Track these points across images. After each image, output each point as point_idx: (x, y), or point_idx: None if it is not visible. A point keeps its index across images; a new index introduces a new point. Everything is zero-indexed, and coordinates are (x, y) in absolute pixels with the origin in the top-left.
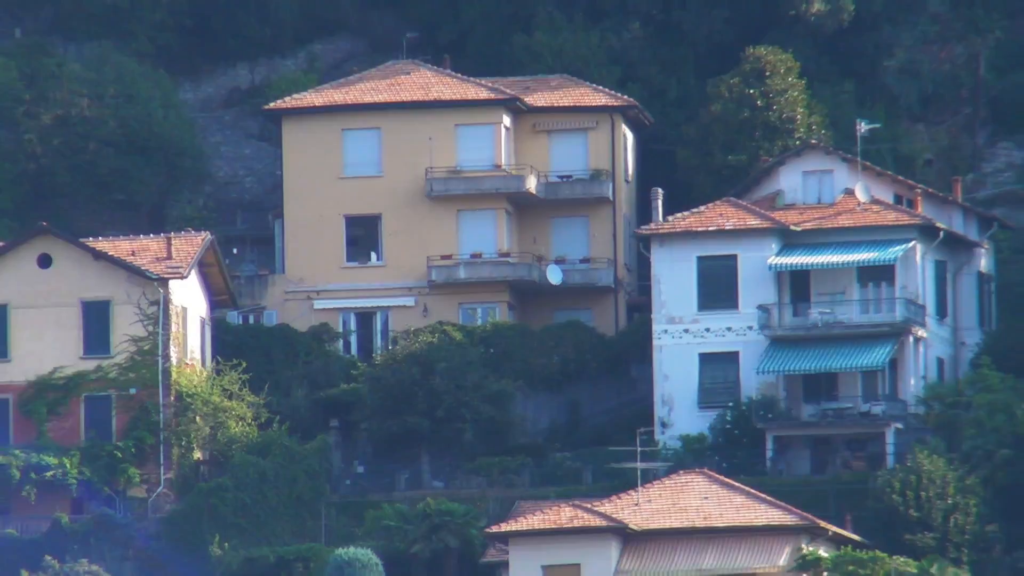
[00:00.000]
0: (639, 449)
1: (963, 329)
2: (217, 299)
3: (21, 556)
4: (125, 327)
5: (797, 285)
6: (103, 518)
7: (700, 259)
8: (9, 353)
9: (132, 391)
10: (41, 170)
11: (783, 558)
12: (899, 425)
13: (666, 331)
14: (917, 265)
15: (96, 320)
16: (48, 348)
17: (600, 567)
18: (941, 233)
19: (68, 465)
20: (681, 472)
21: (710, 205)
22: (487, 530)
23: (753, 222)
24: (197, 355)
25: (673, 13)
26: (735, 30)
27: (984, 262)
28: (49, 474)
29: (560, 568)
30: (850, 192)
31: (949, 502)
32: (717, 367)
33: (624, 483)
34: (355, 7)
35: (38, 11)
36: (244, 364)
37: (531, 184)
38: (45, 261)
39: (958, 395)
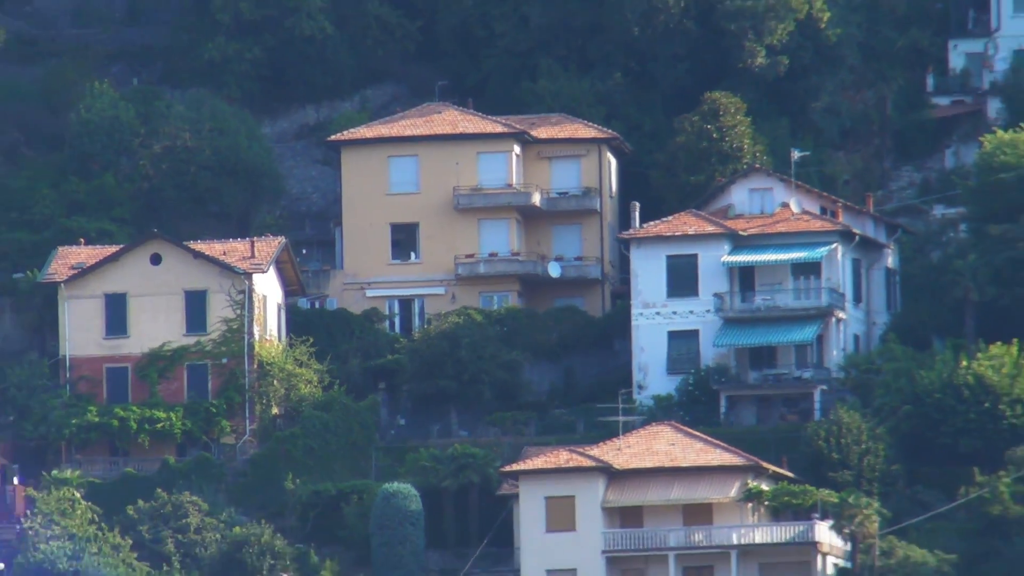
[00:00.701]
0: (620, 406)
1: (874, 312)
2: (290, 289)
3: (138, 489)
4: (218, 311)
5: (744, 278)
6: (201, 460)
7: (668, 257)
8: (128, 331)
9: (224, 361)
10: (152, 188)
11: (733, 491)
12: (824, 387)
13: (642, 313)
14: (838, 262)
15: (196, 305)
16: (158, 327)
17: (590, 498)
18: (856, 237)
19: (174, 418)
20: (653, 424)
21: (676, 215)
22: (502, 469)
23: (710, 228)
24: (274, 332)
25: (647, 65)
26: (695, 79)
27: (890, 260)
28: (159, 425)
29: (558, 499)
30: (786, 205)
31: (863, 447)
32: (682, 342)
33: (609, 433)
34: (398, 60)
35: (152, 65)
36: (311, 340)
37: (536, 199)
38: (156, 259)
39: (870, 363)
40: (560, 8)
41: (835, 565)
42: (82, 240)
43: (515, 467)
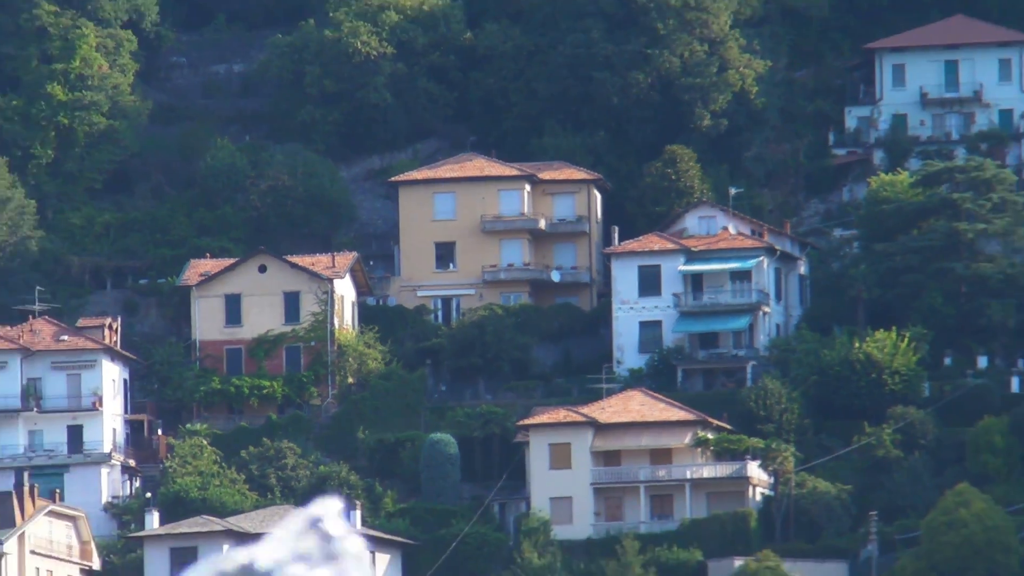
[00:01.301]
0: (604, 377)
1: (790, 307)
2: (360, 290)
3: (249, 438)
4: (308, 307)
5: (695, 282)
6: (295, 416)
7: (640, 267)
8: (242, 322)
9: (312, 343)
10: (260, 216)
11: (687, 439)
12: (754, 362)
13: (620, 308)
14: (764, 270)
15: (291, 303)
16: (264, 319)
17: (581, 445)
18: (777, 252)
19: (275, 386)
20: (628, 390)
21: (645, 236)
22: (517, 423)
23: (670, 246)
24: (349, 323)
25: (623, 125)
26: (659, 135)
27: (802, 268)
28: (264, 391)
29: (558, 445)
30: (725, 228)
31: (782, 406)
32: (649, 329)
33: (596, 396)
34: (441, 121)
35: (259, 126)
36: (376, 328)
37: (542, 224)
38: (262, 269)
39: (788, 345)
40: (560, 83)
41: (762, 494)
42: (208, 255)
43: (527, 422)
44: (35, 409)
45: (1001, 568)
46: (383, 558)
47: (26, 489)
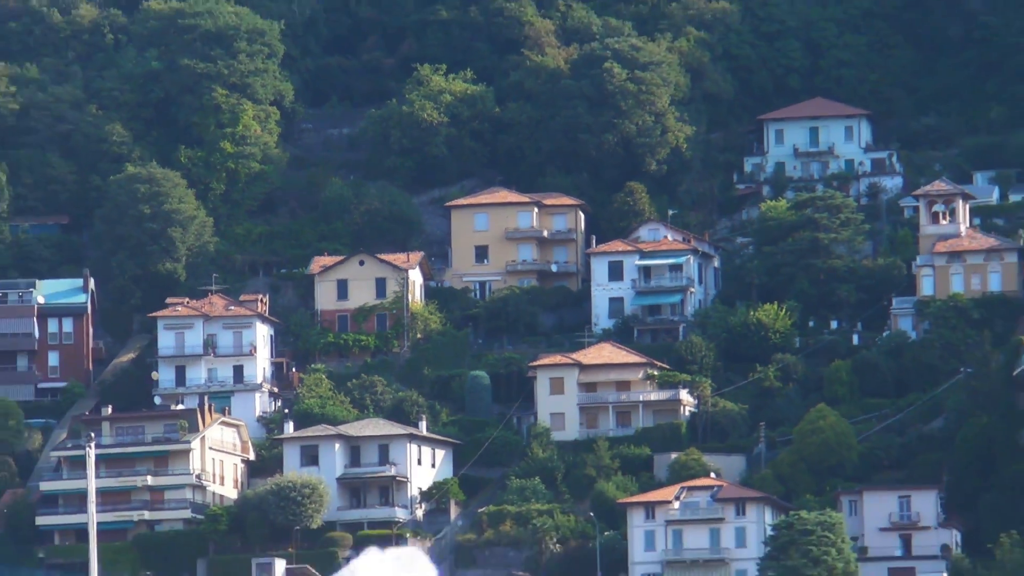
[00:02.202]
0: (585, 334)
1: (708, 289)
2: (425, 277)
3: (352, 374)
4: (392, 288)
5: (645, 272)
6: (383, 360)
7: (609, 262)
8: (348, 298)
9: (394, 311)
10: (360, 228)
11: (641, 374)
12: (684, 325)
13: (596, 289)
14: (691, 265)
15: (380, 285)
16: (362, 296)
17: (571, 379)
18: (700, 252)
19: (370, 340)
20: (601, 343)
21: (612, 242)
22: (529, 364)
23: (629, 248)
24: (418, 298)
25: (598, 170)
26: (622, 176)
27: (716, 263)
28: (362, 342)
29: (556, 378)
30: (666, 237)
31: (702, 353)
32: (615, 303)
33: (580, 347)
34: (479, 166)
35: (360, 169)
36: (436, 301)
37: (545, 233)
38: (361, 263)
39: (706, 314)
40: (557, 142)
41: (689, 411)
42: (325, 253)
43: (535, 364)
44: (212, 354)
45: (845, 459)
46: (440, 453)
47: (206, 407)
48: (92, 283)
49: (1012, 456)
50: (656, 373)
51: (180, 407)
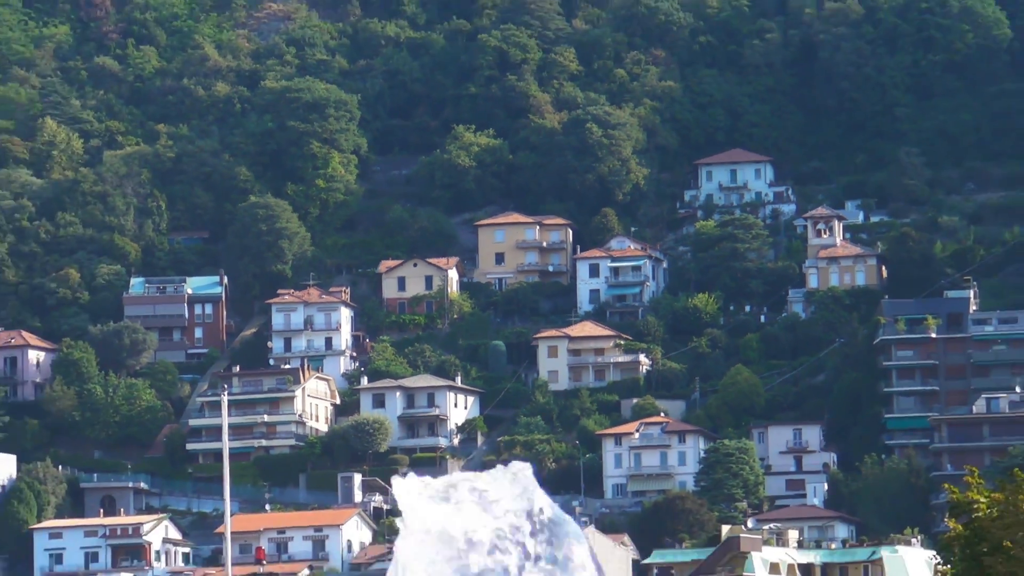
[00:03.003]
0: (572, 316)
1: (659, 284)
2: (460, 275)
3: (408, 344)
4: (436, 282)
5: (615, 271)
6: (431, 333)
7: (589, 264)
8: (405, 289)
9: (437, 299)
10: (413, 240)
11: (611, 344)
12: (642, 309)
13: (580, 283)
14: (648, 266)
15: (428, 280)
16: (415, 288)
17: (563, 346)
18: (653, 257)
19: (420, 319)
20: (584, 322)
21: (591, 250)
22: (533, 336)
23: (603, 254)
24: (455, 289)
25: (582, 200)
26: (598, 204)
27: (665, 265)
28: (416, 320)
29: (552, 347)
30: (629, 246)
31: (655, 328)
32: (595, 293)
33: (568, 324)
34: (498, 196)
35: (413, 199)
36: (468, 293)
37: (544, 244)
38: (415, 264)
39: (658, 301)
40: (552, 180)
41: (645, 369)
42: (389, 258)
43: (537, 336)
44: (309, 329)
45: (755, 403)
46: (470, 399)
47: (305, 367)
48: (225, 279)
49: (872, 401)
50: (622, 343)
51: (287, 367)
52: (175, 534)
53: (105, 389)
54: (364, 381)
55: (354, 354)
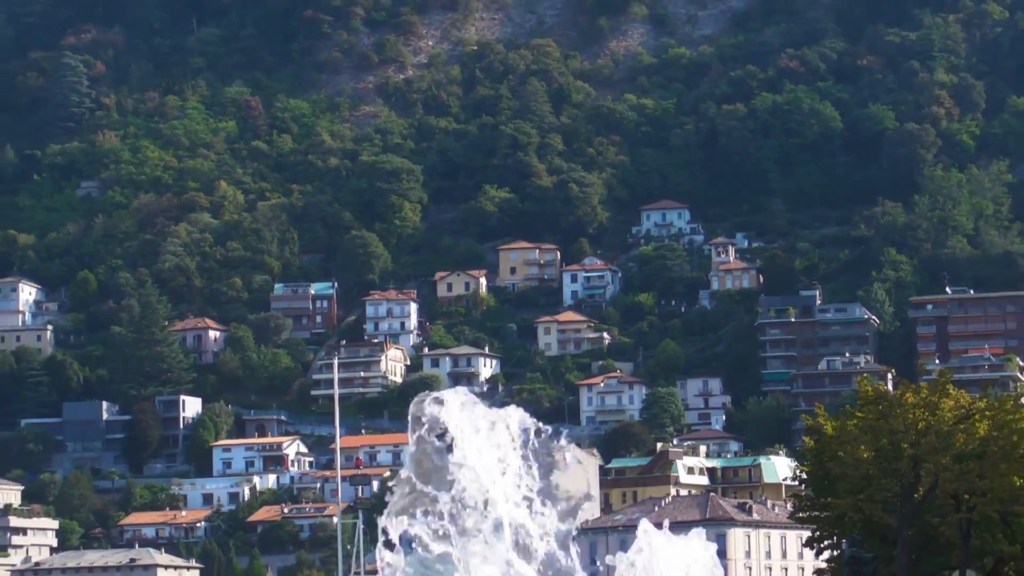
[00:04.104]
0: (560, 308)
1: (617, 287)
2: (488, 283)
3: (451, 327)
4: (472, 287)
5: (587, 279)
6: (466, 319)
7: (571, 275)
8: (451, 291)
9: (473, 297)
10: (456, 260)
11: (585, 326)
12: (604, 303)
13: (566, 288)
14: (608, 276)
15: (468, 286)
16: (458, 290)
17: (554, 328)
18: (612, 271)
19: (461, 309)
20: (567, 312)
21: (572, 266)
22: (536, 321)
23: (580, 268)
24: (484, 291)
25: (565, 234)
26: (578, 235)
27: (620, 276)
28: (449, 310)
29: (546, 328)
30: (597, 262)
31: (615, 317)
32: (574, 294)
33: (558, 313)
34: (511, 236)
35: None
36: (492, 294)
37: (542, 261)
38: (457, 275)
39: (616, 299)
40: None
41: (608, 343)
42: (439, 270)
43: (538, 321)
44: (390, 316)
45: (678, 364)
46: (494, 361)
47: (387, 341)
48: (336, 284)
49: (754, 362)
50: (592, 325)
51: (376, 341)
52: (303, 449)
53: (258, 356)
54: (425, 350)
55: (418, 333)
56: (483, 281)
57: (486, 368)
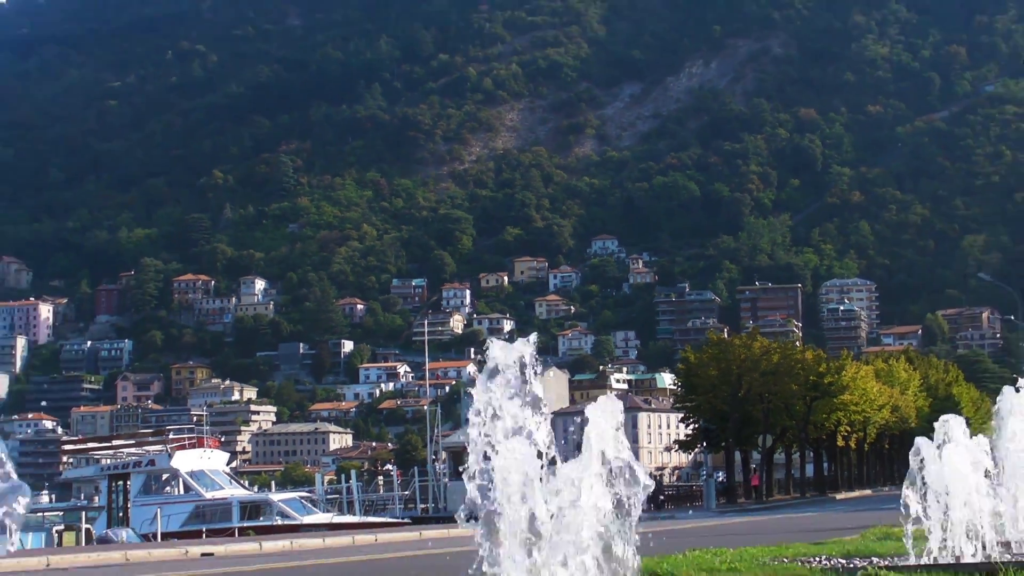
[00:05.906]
0: (550, 290)
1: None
2: (508, 280)
3: (483, 315)
4: (500, 283)
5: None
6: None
7: (552, 275)
8: (489, 284)
9: (499, 288)
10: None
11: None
12: (580, 304)
13: (550, 281)
14: (546, 269)
15: (499, 281)
16: (492, 283)
17: (545, 305)
18: (576, 273)
19: (482, 305)
20: (552, 295)
21: (554, 269)
22: (535, 299)
23: (558, 271)
24: (507, 284)
25: (553, 254)
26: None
27: (579, 282)
28: (481, 304)
29: (539, 301)
30: (569, 268)
31: (588, 308)
32: (556, 288)
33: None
34: (516, 256)
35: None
36: (512, 286)
37: (537, 269)
38: (486, 281)
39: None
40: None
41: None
42: (484, 273)
43: (536, 300)
44: (455, 299)
45: None
46: (511, 323)
47: (452, 311)
48: (424, 281)
49: (654, 325)
50: (565, 302)
51: (447, 310)
52: (408, 369)
53: (384, 318)
54: (474, 316)
55: (470, 309)
56: (505, 279)
57: (507, 326)
